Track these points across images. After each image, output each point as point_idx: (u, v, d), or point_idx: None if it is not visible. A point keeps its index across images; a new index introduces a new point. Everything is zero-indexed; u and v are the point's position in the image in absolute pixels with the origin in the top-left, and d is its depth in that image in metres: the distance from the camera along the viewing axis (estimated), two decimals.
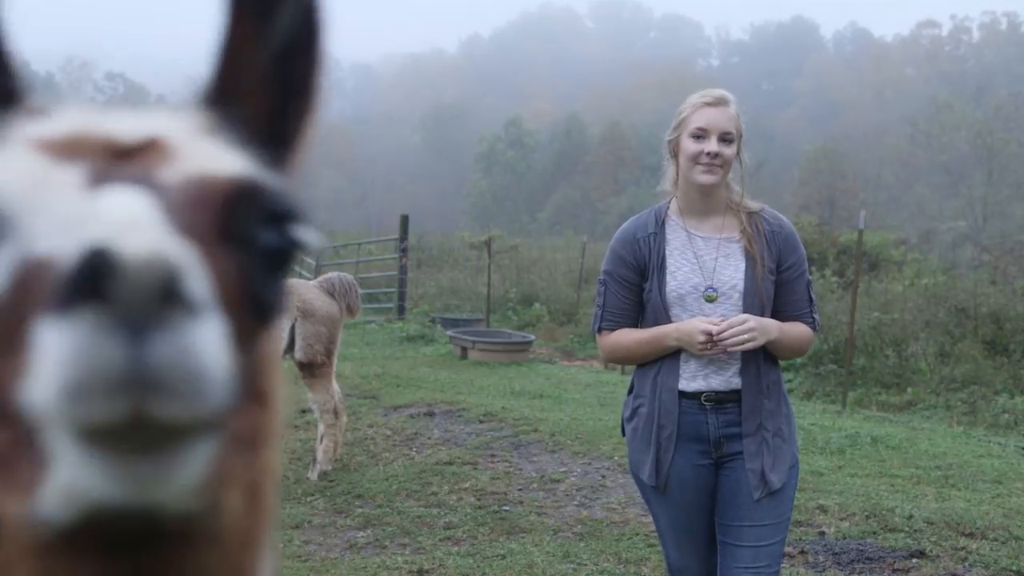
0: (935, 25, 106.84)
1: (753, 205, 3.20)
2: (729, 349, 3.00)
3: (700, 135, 3.07)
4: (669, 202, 3.25)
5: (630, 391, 3.30)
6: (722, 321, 3.00)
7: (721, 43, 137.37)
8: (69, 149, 0.65)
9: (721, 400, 3.10)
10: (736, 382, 3.10)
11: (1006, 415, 10.93)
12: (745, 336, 2.98)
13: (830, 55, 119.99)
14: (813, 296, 3.27)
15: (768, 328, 3.05)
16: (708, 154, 3.05)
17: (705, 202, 3.16)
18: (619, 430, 3.44)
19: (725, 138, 3.08)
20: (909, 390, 12.55)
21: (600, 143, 72.13)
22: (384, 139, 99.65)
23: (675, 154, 3.18)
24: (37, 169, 0.63)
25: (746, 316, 3.02)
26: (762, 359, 3.12)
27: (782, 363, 3.32)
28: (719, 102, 3.11)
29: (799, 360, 12.41)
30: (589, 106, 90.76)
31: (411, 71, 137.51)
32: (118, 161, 0.64)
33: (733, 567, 3.10)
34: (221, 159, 0.68)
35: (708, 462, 3.13)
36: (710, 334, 2.99)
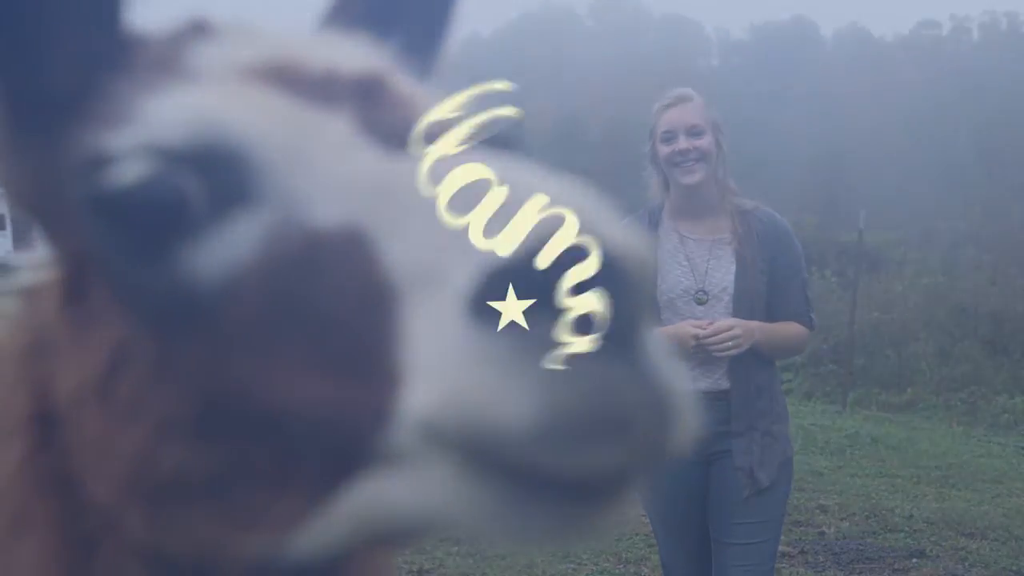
0: (935, 25, 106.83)
1: (747, 204, 3.21)
2: (715, 354, 3.03)
3: (668, 137, 3.14)
4: (663, 204, 3.29)
5: None
6: (709, 325, 3.03)
7: (721, 43, 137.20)
8: (282, 78, 0.54)
9: (709, 398, 3.10)
10: (724, 384, 3.12)
11: (1006, 415, 10.94)
12: (730, 343, 3.01)
13: (830, 55, 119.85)
14: (809, 295, 3.28)
15: (754, 332, 3.07)
16: (679, 152, 3.09)
17: (695, 202, 3.20)
18: None
19: (693, 131, 3.13)
20: (909, 390, 12.55)
21: (600, 143, 72.05)
22: None
23: (656, 163, 3.27)
24: (295, 114, 0.50)
25: (733, 322, 3.05)
26: (751, 360, 3.13)
27: (780, 363, 3.32)
28: (678, 100, 3.17)
29: (799, 360, 12.41)
30: (589, 106, 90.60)
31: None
32: (344, 99, 0.56)
33: (724, 564, 3.12)
34: (429, 96, 0.62)
35: (697, 459, 3.14)
36: (698, 337, 3.01)
